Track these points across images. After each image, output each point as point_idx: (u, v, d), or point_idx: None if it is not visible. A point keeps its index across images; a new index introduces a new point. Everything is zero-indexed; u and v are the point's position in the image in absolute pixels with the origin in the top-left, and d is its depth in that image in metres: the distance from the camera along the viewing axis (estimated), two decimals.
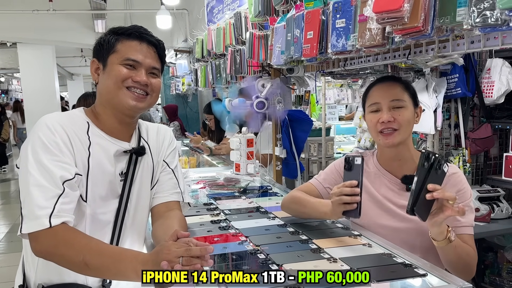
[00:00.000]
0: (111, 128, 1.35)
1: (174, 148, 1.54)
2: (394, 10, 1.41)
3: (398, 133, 1.53)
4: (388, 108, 1.54)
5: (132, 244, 1.41)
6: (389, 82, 1.61)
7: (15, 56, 10.38)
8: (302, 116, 3.20)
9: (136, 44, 1.33)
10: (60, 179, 1.18)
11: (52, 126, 1.24)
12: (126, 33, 1.34)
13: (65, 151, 1.23)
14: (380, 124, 1.54)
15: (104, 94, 1.34)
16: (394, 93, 1.55)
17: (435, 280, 1.20)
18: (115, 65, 1.31)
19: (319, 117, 5.96)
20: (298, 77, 3.26)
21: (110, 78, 1.31)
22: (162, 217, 1.43)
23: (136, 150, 1.38)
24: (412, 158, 1.59)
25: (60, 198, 1.17)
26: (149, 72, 1.34)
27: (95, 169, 1.29)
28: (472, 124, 3.10)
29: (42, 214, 1.14)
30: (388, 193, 1.61)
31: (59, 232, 1.15)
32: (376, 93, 1.59)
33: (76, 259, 1.13)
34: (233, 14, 3.50)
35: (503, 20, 1.22)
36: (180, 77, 7.46)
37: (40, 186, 1.16)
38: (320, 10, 2.00)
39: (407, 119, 1.54)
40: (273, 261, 1.31)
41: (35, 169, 1.18)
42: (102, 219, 1.32)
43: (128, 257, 1.13)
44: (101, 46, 1.34)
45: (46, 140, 1.21)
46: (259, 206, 1.99)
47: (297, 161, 3.05)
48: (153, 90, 1.36)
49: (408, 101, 1.56)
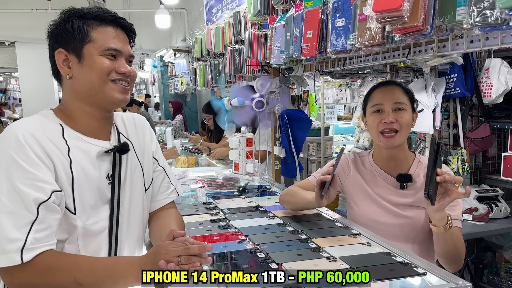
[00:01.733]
0: (88, 127, 1.22)
1: (155, 140, 1.45)
2: (394, 9, 1.41)
3: (398, 135, 1.61)
4: (390, 109, 1.62)
5: (132, 250, 1.33)
6: (391, 86, 1.69)
7: (14, 55, 10.37)
8: (301, 115, 3.20)
9: (112, 31, 1.20)
10: (33, 203, 1.04)
11: (23, 137, 1.08)
12: (97, 18, 1.19)
13: (40, 165, 1.08)
14: (382, 124, 1.62)
15: (84, 90, 1.19)
16: (396, 96, 1.63)
17: (435, 279, 1.20)
18: (96, 56, 1.17)
19: (318, 116, 5.97)
20: (297, 77, 3.26)
21: (92, 71, 1.17)
22: (158, 216, 1.41)
23: (119, 148, 1.26)
24: (406, 159, 1.70)
25: (34, 225, 1.03)
26: (128, 60, 1.24)
27: (80, 176, 1.15)
28: (470, 124, 3.11)
29: (12, 249, 1.00)
30: (384, 191, 1.70)
31: (39, 262, 1.03)
32: (379, 95, 1.67)
33: (67, 282, 1.04)
34: (232, 14, 3.50)
35: (503, 19, 1.22)
36: (179, 76, 7.46)
37: (10, 213, 1.02)
38: (319, 10, 2.00)
39: (407, 121, 1.63)
40: (272, 260, 1.31)
41: (3, 193, 1.03)
42: (95, 229, 1.20)
43: (123, 265, 1.09)
44: (69, 33, 1.17)
45: (16, 156, 1.06)
46: (259, 205, 1.99)
47: (296, 161, 3.06)
48: (132, 80, 1.25)
49: (408, 105, 1.65)
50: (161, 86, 9.08)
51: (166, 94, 8.90)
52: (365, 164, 1.77)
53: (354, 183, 1.77)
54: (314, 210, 1.90)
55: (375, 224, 1.66)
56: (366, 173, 1.75)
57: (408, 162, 1.70)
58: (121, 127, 1.34)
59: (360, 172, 1.77)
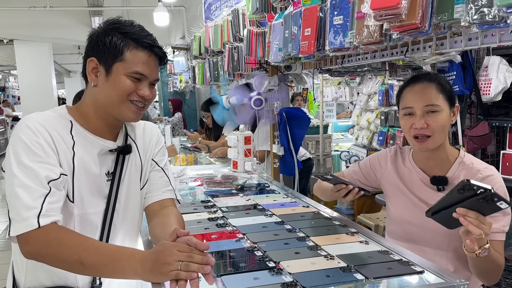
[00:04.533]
0: (97, 128, 1.31)
1: (162, 146, 1.51)
2: (391, 7, 1.41)
3: (432, 139, 1.49)
4: (422, 113, 1.49)
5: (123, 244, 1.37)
6: (423, 84, 1.52)
7: (12, 53, 10.35)
8: (299, 113, 3.20)
9: (145, 56, 1.26)
10: (45, 179, 1.14)
11: (34, 127, 1.19)
12: (136, 40, 1.25)
13: (49, 152, 1.19)
14: (414, 130, 1.51)
15: (103, 102, 1.28)
16: (428, 98, 1.49)
17: (432, 277, 1.20)
18: (121, 76, 1.24)
19: (317, 114, 5.97)
20: (296, 75, 3.25)
21: (114, 89, 1.25)
22: (158, 215, 1.41)
23: (121, 149, 1.34)
24: (447, 158, 1.56)
25: (47, 198, 1.13)
26: (151, 83, 1.31)
27: (80, 169, 1.25)
28: (469, 122, 3.11)
29: (30, 215, 1.10)
30: (421, 192, 1.59)
31: (51, 232, 1.12)
32: (410, 96, 1.53)
33: (71, 259, 1.10)
34: (230, 11, 3.49)
35: (500, 17, 1.22)
36: (178, 74, 7.45)
37: (26, 187, 1.13)
38: (317, 7, 2.00)
39: (442, 124, 1.49)
40: (270, 258, 1.31)
41: (18, 171, 1.14)
42: (90, 219, 1.28)
43: (125, 255, 1.11)
44: (105, 46, 1.24)
45: (28, 141, 1.17)
46: (257, 204, 1.99)
47: (294, 159, 3.05)
48: (149, 101, 1.32)
49: (443, 104, 1.49)
50: (160, 84, 9.08)
51: (165, 92, 8.89)
52: (405, 161, 1.66)
53: (391, 181, 1.68)
54: (312, 208, 1.91)
55: (407, 226, 1.57)
56: (404, 171, 1.64)
57: (450, 162, 1.55)
58: (130, 130, 1.42)
59: (399, 169, 1.67)
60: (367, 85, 4.71)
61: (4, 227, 5.78)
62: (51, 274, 1.24)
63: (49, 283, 1.26)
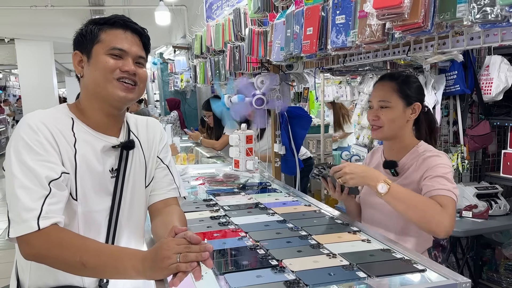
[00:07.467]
0: (97, 122, 1.30)
1: (166, 142, 1.50)
2: (394, 6, 1.41)
3: (381, 130, 1.71)
4: (377, 107, 1.71)
5: (128, 243, 1.37)
6: (384, 82, 1.73)
7: (13, 52, 10.34)
8: (301, 113, 3.20)
9: (121, 33, 1.28)
10: (45, 179, 1.13)
11: (35, 125, 1.18)
12: (109, 22, 1.28)
13: (50, 150, 1.17)
14: (370, 120, 1.75)
15: (91, 87, 1.28)
16: (382, 94, 1.70)
17: (434, 276, 1.20)
18: (101, 55, 1.25)
19: (318, 114, 5.96)
20: (298, 74, 3.26)
21: (97, 69, 1.25)
22: (161, 213, 1.41)
23: (124, 144, 1.33)
24: (405, 147, 1.73)
25: (47, 199, 1.12)
26: (135, 61, 1.29)
27: (82, 167, 1.23)
28: (470, 121, 3.11)
29: (29, 217, 1.09)
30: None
31: (52, 234, 1.11)
32: (372, 92, 1.77)
33: (72, 260, 1.09)
34: (232, 10, 3.49)
35: (503, 16, 1.22)
36: (179, 73, 7.45)
37: (26, 188, 1.11)
38: (319, 6, 2.00)
39: (391, 118, 1.68)
40: (272, 256, 1.32)
41: (19, 171, 1.13)
42: (95, 217, 1.27)
43: (127, 255, 1.11)
44: (83, 37, 1.28)
45: (29, 140, 1.16)
46: (259, 202, 1.99)
47: (296, 158, 3.06)
48: (140, 81, 1.31)
49: (395, 101, 1.68)
50: (161, 83, 9.06)
51: (166, 91, 8.87)
52: (379, 152, 1.88)
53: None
54: (314, 207, 1.91)
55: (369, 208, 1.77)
56: (375, 161, 1.86)
57: (406, 150, 1.72)
58: (132, 126, 1.42)
59: (373, 160, 1.88)
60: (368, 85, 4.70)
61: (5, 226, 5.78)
62: (56, 273, 1.22)
63: (54, 283, 1.25)
